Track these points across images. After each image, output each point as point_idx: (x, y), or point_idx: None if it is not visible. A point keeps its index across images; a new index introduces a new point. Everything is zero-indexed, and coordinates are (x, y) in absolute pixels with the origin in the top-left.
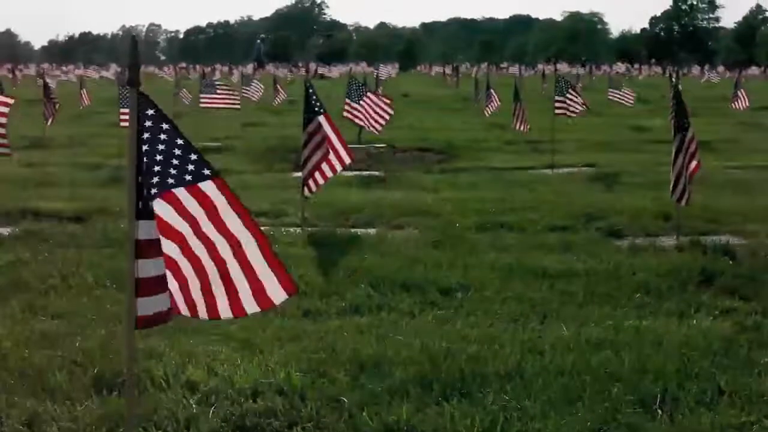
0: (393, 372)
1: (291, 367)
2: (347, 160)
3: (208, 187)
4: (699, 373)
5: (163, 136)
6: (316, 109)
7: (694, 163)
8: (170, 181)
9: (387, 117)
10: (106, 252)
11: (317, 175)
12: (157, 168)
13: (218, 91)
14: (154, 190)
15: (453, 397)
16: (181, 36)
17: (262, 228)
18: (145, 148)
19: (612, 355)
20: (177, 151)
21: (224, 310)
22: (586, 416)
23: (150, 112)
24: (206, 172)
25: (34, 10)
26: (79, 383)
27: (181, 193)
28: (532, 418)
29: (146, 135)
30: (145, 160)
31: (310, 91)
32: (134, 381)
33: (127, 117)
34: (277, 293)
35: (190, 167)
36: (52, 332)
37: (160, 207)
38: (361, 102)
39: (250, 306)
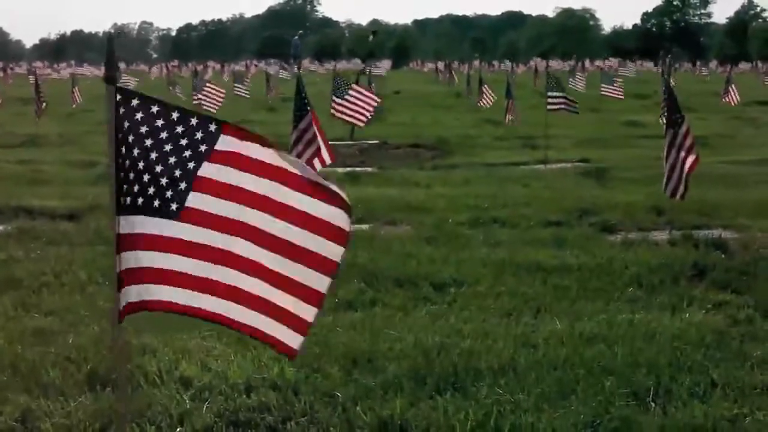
0: (386, 367)
1: (284, 363)
2: (328, 161)
3: (226, 142)
4: (692, 366)
5: (159, 122)
6: (307, 106)
7: (692, 158)
8: (191, 165)
9: (370, 110)
10: (99, 249)
11: None
12: (172, 159)
13: (204, 89)
14: (182, 185)
15: (446, 392)
16: (174, 34)
17: None
18: (149, 142)
19: (605, 349)
20: (179, 129)
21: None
22: (579, 409)
23: (135, 102)
24: (212, 127)
25: (26, 8)
26: (72, 379)
27: (206, 170)
28: (525, 412)
29: (144, 128)
30: (154, 155)
31: (301, 88)
32: (126, 376)
33: None
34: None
35: (198, 135)
36: (45, 329)
37: (194, 199)
38: (346, 96)
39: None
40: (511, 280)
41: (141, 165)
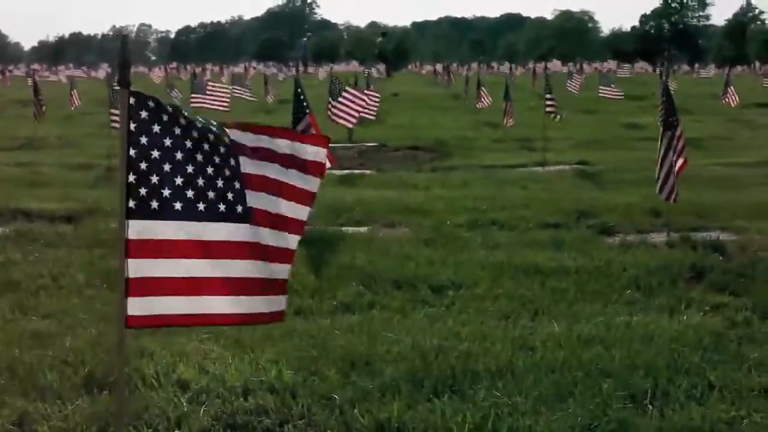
0: (384, 369)
1: (282, 365)
2: (327, 165)
3: (236, 135)
4: (689, 369)
5: (177, 130)
6: (306, 109)
7: (681, 161)
8: (232, 162)
9: (371, 111)
10: (97, 252)
11: None
12: (202, 158)
13: (208, 91)
14: (236, 184)
15: (444, 394)
16: (172, 36)
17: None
18: (169, 144)
19: (603, 351)
20: (195, 133)
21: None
22: (577, 412)
23: (150, 104)
24: (215, 128)
25: (24, 10)
26: (69, 382)
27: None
28: (523, 414)
29: (161, 131)
30: (181, 156)
31: (299, 90)
32: (124, 380)
33: (118, 118)
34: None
35: (211, 136)
36: (42, 332)
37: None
38: (339, 99)
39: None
40: (509, 282)
41: (167, 168)
